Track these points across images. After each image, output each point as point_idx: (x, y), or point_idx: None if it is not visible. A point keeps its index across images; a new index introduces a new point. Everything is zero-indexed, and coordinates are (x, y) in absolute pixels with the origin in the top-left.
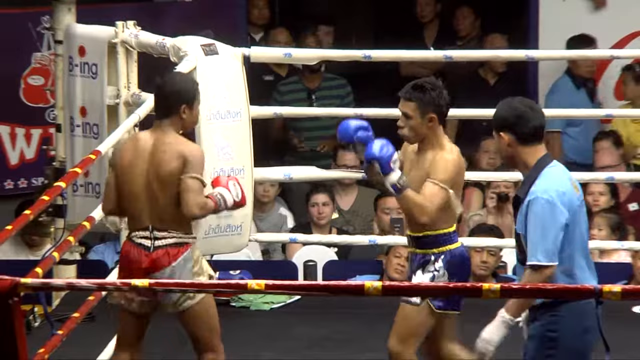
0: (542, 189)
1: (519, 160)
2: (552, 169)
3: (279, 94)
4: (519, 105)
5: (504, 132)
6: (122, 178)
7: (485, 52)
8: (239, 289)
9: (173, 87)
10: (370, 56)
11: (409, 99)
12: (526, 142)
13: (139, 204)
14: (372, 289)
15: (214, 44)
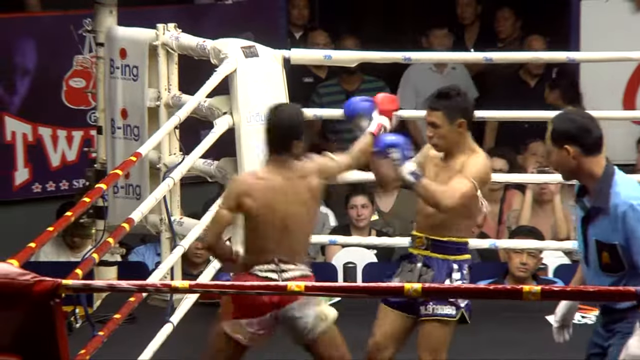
0: (631, 195)
1: (584, 172)
2: (621, 176)
3: (317, 97)
4: (578, 118)
5: (568, 144)
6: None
7: (526, 54)
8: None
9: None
10: (410, 58)
11: (435, 108)
12: (591, 152)
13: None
14: (412, 290)
15: (254, 46)
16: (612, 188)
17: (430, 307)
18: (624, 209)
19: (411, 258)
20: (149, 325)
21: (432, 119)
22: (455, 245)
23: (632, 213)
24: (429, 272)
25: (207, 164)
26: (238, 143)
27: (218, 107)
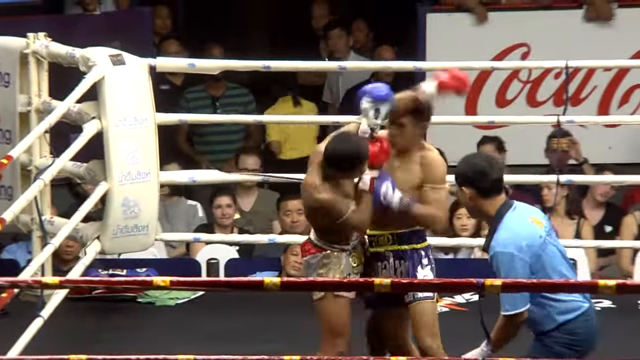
0: (501, 242)
1: (482, 212)
2: (512, 216)
3: (185, 102)
4: (478, 161)
5: (465, 187)
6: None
7: (377, 63)
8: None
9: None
10: (269, 67)
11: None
12: (487, 194)
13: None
14: (271, 284)
15: (121, 54)
16: (497, 232)
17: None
18: (490, 254)
19: (379, 256)
20: (21, 320)
21: (403, 120)
22: (420, 233)
23: (495, 260)
24: (404, 264)
25: (76, 166)
26: (106, 146)
27: (87, 112)
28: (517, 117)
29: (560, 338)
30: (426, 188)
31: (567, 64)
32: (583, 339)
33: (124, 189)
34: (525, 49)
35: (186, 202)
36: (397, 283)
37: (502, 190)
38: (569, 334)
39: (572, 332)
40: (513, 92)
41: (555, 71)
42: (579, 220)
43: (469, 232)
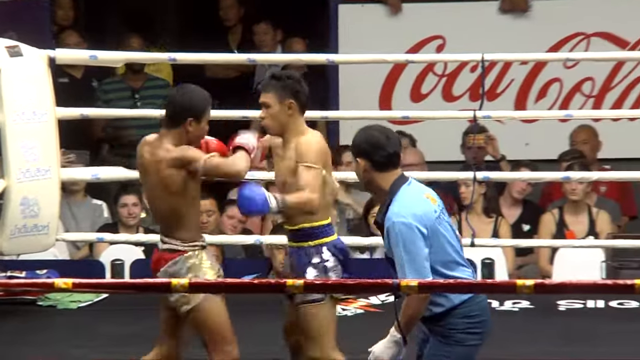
0: (397, 212)
1: (375, 186)
2: (406, 190)
3: (103, 93)
4: (374, 133)
5: (360, 158)
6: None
7: (288, 56)
8: (46, 288)
9: (184, 100)
10: (175, 59)
11: (266, 89)
12: (381, 168)
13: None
14: (179, 286)
15: (18, 45)
16: (391, 204)
17: (298, 295)
18: (387, 225)
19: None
20: None
21: (264, 99)
22: (309, 231)
23: (392, 230)
24: (293, 262)
25: None
26: (3, 142)
27: None
28: (433, 112)
29: (458, 324)
30: (299, 166)
31: (483, 57)
32: (481, 321)
33: (23, 187)
34: (440, 41)
35: (91, 200)
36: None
37: (397, 164)
38: (466, 318)
39: (468, 315)
40: (428, 86)
41: (471, 64)
42: (497, 219)
43: None
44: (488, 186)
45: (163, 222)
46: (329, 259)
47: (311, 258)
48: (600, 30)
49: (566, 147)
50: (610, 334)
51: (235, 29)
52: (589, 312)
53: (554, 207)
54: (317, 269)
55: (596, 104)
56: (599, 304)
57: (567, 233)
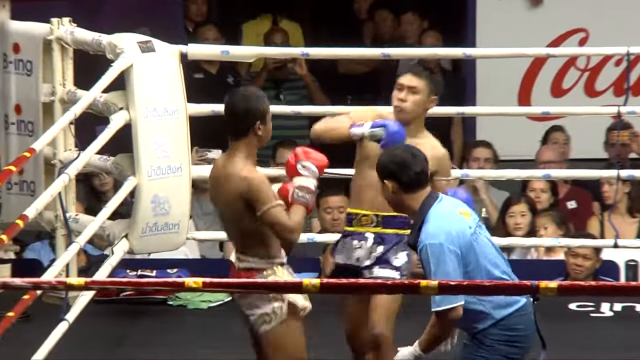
0: (430, 233)
1: (406, 207)
2: (437, 208)
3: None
4: (399, 153)
5: (387, 180)
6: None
7: (423, 50)
8: (176, 287)
9: (244, 105)
10: (308, 54)
11: (419, 75)
12: (409, 189)
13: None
14: (310, 286)
15: (150, 41)
16: (424, 224)
17: (373, 270)
18: (420, 248)
19: (355, 235)
20: (44, 324)
21: (414, 83)
22: (405, 220)
23: (424, 252)
24: (379, 249)
25: (103, 160)
26: (135, 139)
27: (114, 103)
28: (574, 107)
29: (499, 335)
30: (439, 181)
31: (628, 51)
32: (524, 335)
33: (154, 185)
34: (583, 34)
35: None
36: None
37: (426, 183)
38: (508, 330)
39: (511, 328)
40: (570, 81)
41: (616, 58)
42: None
43: (523, 230)
44: (632, 185)
45: (237, 239)
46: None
47: (402, 244)
48: None
49: None
50: None
51: (369, 23)
52: None
53: None
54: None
55: None
56: None
57: None
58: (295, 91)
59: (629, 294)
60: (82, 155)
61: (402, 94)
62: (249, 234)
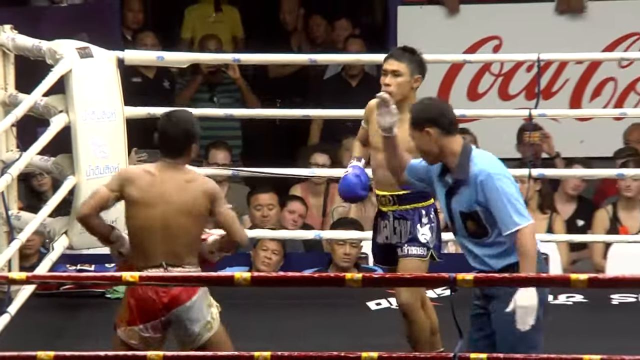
0: (488, 167)
1: (446, 150)
2: (478, 152)
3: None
4: (434, 103)
5: (428, 127)
6: (133, 211)
7: (348, 56)
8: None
9: (182, 127)
10: (239, 59)
11: (400, 59)
12: (449, 132)
13: (151, 241)
14: (241, 279)
15: (88, 47)
16: (471, 161)
17: (405, 248)
18: (482, 178)
19: (383, 216)
20: None
21: (395, 67)
22: (421, 194)
23: (490, 181)
24: (403, 224)
25: (44, 160)
26: (74, 140)
27: (54, 106)
28: (489, 110)
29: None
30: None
31: (538, 57)
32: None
33: (92, 184)
34: (497, 41)
35: None
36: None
37: (457, 128)
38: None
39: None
40: (485, 86)
41: (527, 64)
42: (552, 215)
43: None
44: (543, 183)
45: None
46: (434, 220)
47: (421, 217)
48: None
49: (620, 145)
50: None
51: (297, 32)
52: None
53: (608, 203)
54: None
55: None
56: None
57: (621, 229)
58: (228, 94)
59: (539, 284)
60: (24, 155)
61: (386, 79)
62: (195, 240)
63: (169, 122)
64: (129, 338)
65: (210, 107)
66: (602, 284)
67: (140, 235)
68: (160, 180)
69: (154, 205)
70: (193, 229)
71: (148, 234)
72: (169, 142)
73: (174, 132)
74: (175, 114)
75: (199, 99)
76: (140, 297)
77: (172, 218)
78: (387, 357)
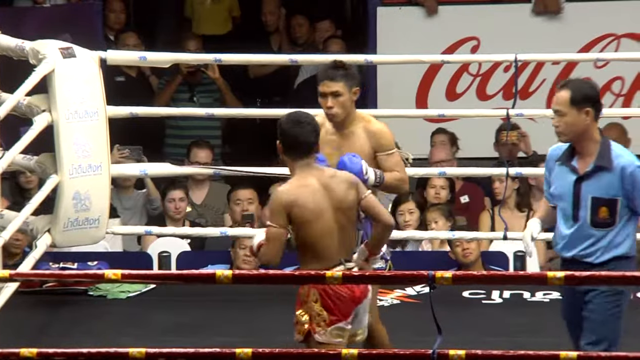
0: (632, 158)
1: (589, 134)
2: (615, 143)
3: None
4: (593, 85)
5: (589, 108)
6: (306, 227)
7: (328, 57)
8: (96, 279)
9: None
10: (220, 59)
11: (336, 78)
12: (596, 119)
13: (330, 244)
14: (223, 277)
15: (71, 47)
16: (613, 150)
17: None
18: (632, 170)
19: None
20: None
21: (334, 88)
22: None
23: (636, 174)
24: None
25: (27, 159)
26: (57, 139)
27: (37, 105)
28: (467, 110)
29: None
30: (381, 156)
31: (516, 57)
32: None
33: (75, 182)
34: (475, 42)
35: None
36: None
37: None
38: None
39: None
40: (463, 86)
41: (505, 64)
42: (529, 214)
43: (412, 226)
44: (521, 182)
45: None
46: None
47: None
48: (630, 31)
49: None
50: (637, 324)
51: (277, 33)
52: None
53: None
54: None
55: (625, 102)
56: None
57: None
58: (208, 94)
59: (516, 282)
60: (7, 154)
61: (328, 102)
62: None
63: (298, 124)
64: (334, 337)
65: (191, 107)
66: (579, 281)
67: (320, 243)
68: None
69: (323, 211)
70: (353, 220)
71: (326, 240)
72: (305, 144)
73: (306, 133)
74: (298, 116)
75: (179, 98)
76: (336, 295)
77: (340, 216)
78: (367, 354)
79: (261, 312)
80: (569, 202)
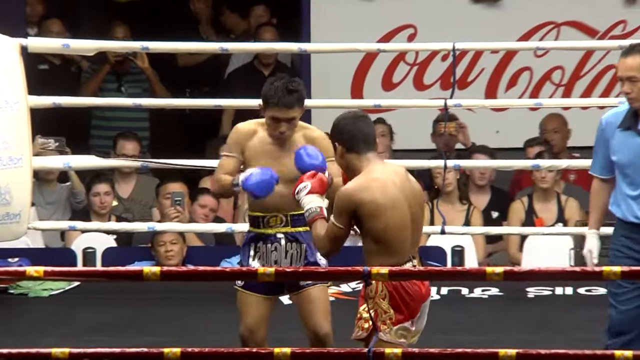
0: None
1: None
2: None
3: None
4: None
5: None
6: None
7: (260, 45)
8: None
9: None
10: (148, 47)
11: (294, 105)
12: None
13: (404, 238)
14: (150, 274)
15: None
16: None
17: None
18: None
19: (267, 238)
20: None
21: (293, 114)
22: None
23: None
24: (297, 247)
25: None
26: None
27: None
28: (404, 100)
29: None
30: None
31: (454, 46)
32: None
33: None
34: (411, 30)
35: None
36: (282, 272)
37: None
38: None
39: None
40: (399, 75)
41: (442, 53)
42: (469, 207)
43: None
44: (463, 174)
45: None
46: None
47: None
48: (570, 19)
49: (536, 135)
50: (578, 321)
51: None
52: (557, 299)
53: (523, 194)
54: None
55: (566, 92)
56: (568, 291)
57: (536, 220)
58: (137, 84)
59: (454, 278)
60: None
61: (281, 127)
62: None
63: (358, 119)
64: (398, 337)
65: (118, 97)
66: (518, 277)
67: (394, 237)
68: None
69: (397, 205)
70: (423, 215)
71: (400, 234)
72: (370, 136)
73: (369, 128)
74: (354, 112)
75: (106, 88)
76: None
77: (414, 209)
78: (300, 353)
79: (190, 311)
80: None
